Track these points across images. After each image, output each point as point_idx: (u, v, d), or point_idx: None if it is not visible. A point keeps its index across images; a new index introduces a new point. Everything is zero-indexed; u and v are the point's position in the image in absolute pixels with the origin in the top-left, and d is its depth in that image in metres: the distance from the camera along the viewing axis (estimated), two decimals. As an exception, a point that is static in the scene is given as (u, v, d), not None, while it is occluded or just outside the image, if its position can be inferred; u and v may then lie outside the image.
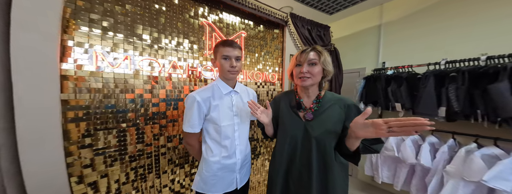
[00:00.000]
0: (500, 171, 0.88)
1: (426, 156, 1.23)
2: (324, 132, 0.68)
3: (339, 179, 0.69)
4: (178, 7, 1.03)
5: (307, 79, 0.68)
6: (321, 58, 0.68)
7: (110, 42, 0.82)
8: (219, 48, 0.73)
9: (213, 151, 0.74)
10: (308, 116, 0.71)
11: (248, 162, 0.88)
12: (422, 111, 1.25)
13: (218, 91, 0.77)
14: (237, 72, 0.75)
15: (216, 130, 0.74)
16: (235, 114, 0.78)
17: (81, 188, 0.78)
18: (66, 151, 0.72)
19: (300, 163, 0.71)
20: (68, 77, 0.71)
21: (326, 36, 1.93)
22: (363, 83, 1.77)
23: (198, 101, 0.70)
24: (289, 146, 0.73)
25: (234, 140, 0.77)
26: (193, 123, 0.71)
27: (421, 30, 1.58)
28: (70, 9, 0.70)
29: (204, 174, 0.74)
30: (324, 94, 0.75)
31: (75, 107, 0.73)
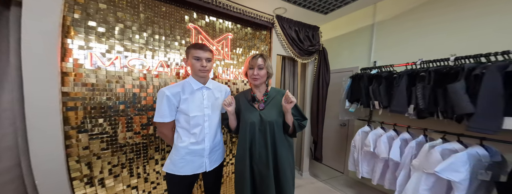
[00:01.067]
0: (452, 163, 0.98)
1: (395, 151, 1.33)
2: (273, 116, 0.94)
3: (285, 152, 0.95)
4: (166, 13, 1.18)
5: (257, 79, 0.95)
6: (266, 63, 0.94)
7: (104, 45, 0.98)
8: (191, 50, 0.87)
9: (182, 138, 0.88)
10: (261, 106, 0.97)
11: (219, 149, 1.01)
12: (394, 108, 1.35)
13: (189, 87, 0.90)
14: (208, 71, 0.90)
15: (186, 119, 0.88)
16: (206, 106, 0.92)
17: (78, 168, 0.95)
18: (66, 135, 0.89)
19: (259, 145, 0.93)
20: (68, 73, 0.87)
21: (314, 36, 2.03)
22: (350, 82, 1.87)
23: (167, 95, 0.83)
24: (250, 132, 0.94)
25: (204, 129, 0.91)
26: (163, 114, 0.84)
27: (412, 29, 1.63)
28: (70, 18, 0.87)
29: (174, 157, 0.88)
30: (269, 89, 1.03)
31: (74, 98, 0.90)
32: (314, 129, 2.08)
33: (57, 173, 0.86)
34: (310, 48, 1.94)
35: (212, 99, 0.96)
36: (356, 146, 1.73)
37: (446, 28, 1.43)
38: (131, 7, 1.05)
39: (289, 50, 1.84)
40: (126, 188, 1.12)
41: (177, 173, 0.88)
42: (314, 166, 2.63)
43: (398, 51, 1.75)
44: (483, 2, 1.25)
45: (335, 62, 2.44)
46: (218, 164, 1.01)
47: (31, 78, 0.76)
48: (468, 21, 1.31)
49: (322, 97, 2.01)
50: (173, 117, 0.88)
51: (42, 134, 0.81)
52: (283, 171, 0.93)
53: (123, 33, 1.04)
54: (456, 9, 1.37)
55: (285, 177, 0.93)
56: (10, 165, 0.80)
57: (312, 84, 2.12)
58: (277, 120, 0.94)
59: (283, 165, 0.92)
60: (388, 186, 1.44)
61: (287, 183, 0.93)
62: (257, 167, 0.94)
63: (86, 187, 0.98)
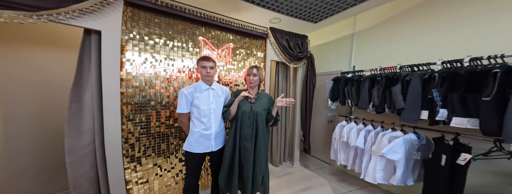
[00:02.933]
0: (393, 146, 1.45)
1: (360, 140, 1.81)
2: (259, 108, 1.41)
3: (263, 134, 1.41)
4: (182, 30, 1.63)
5: (252, 83, 1.43)
6: (258, 72, 1.43)
7: (142, 58, 1.42)
8: (199, 61, 1.30)
9: (196, 125, 1.32)
10: (252, 101, 1.45)
11: (222, 135, 1.46)
12: (360, 105, 1.83)
13: (199, 87, 1.32)
14: (211, 76, 1.33)
15: (197, 111, 1.29)
16: (211, 102, 1.36)
17: (126, 147, 1.40)
18: (121, 122, 1.34)
19: (247, 126, 1.39)
20: (123, 79, 1.32)
21: (303, 44, 2.49)
22: (332, 84, 2.34)
23: (185, 93, 1.25)
24: (241, 116, 1.39)
25: (210, 119, 1.35)
26: (182, 107, 1.26)
27: (383, 39, 2.10)
28: (124, 39, 1.31)
29: (190, 139, 1.33)
30: (260, 92, 1.52)
31: (126, 96, 1.35)
32: (303, 124, 2.55)
33: (117, 148, 1.31)
34: (299, 55, 2.40)
35: (216, 96, 1.40)
36: (336, 138, 2.21)
37: (404, 39, 1.91)
38: (158, 27, 1.49)
39: (281, 56, 2.29)
40: (153, 166, 1.57)
41: (192, 150, 1.32)
42: (305, 158, 3.11)
43: (371, 58, 2.23)
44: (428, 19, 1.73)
45: (323, 66, 2.91)
46: (221, 146, 1.46)
47: (107, 82, 1.21)
48: (413, 33, 1.79)
49: (309, 97, 2.48)
50: (189, 109, 1.30)
51: (111, 120, 1.26)
52: (259, 147, 1.40)
53: (154, 48, 1.48)
54: (414, 23, 1.84)
55: (260, 149, 1.40)
56: (89, 141, 1.24)
57: (301, 86, 2.59)
58: (262, 112, 1.41)
59: (260, 141, 1.40)
60: (358, 170, 1.92)
61: (261, 153, 1.40)
62: (243, 142, 1.39)
63: (129, 162, 1.43)
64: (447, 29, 1.59)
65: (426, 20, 1.73)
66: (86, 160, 1.23)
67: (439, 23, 1.64)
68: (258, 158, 1.39)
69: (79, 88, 1.18)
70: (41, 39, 1.54)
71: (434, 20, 1.67)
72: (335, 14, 2.44)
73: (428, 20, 1.71)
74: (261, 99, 1.47)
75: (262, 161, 1.41)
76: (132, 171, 1.44)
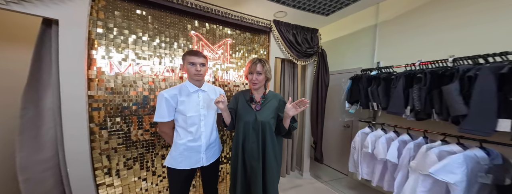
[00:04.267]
0: (446, 164, 0.97)
1: (393, 152, 1.32)
2: (267, 117, 1.04)
3: (273, 149, 1.05)
4: (171, 23, 1.34)
5: (256, 84, 1.06)
6: (264, 69, 1.04)
7: (121, 54, 1.15)
8: (186, 56, 0.97)
9: (181, 136, 0.99)
10: (257, 107, 1.07)
11: (215, 145, 1.12)
12: (392, 109, 1.35)
13: (185, 90, 1.00)
14: (202, 75, 1.00)
15: (183, 119, 0.98)
16: (201, 107, 1.03)
17: (99, 159, 1.12)
18: (91, 131, 1.07)
19: (252, 140, 1.04)
20: (93, 79, 1.06)
21: (313, 39, 2.07)
22: (350, 83, 1.88)
23: (165, 97, 0.94)
24: (244, 129, 1.06)
25: (200, 127, 1.02)
26: (162, 114, 0.94)
27: (415, 29, 1.60)
28: (94, 32, 1.05)
29: (173, 153, 1.00)
30: (267, 92, 1.13)
31: (97, 100, 1.08)
32: (314, 130, 2.11)
33: (84, 163, 1.04)
34: (308, 51, 1.99)
35: (207, 100, 1.07)
36: (356, 147, 1.73)
37: (447, 27, 1.39)
38: (141, 20, 1.21)
39: (287, 53, 1.90)
40: (137, 179, 1.29)
41: (176, 167, 1.00)
42: (316, 167, 2.63)
43: (400, 52, 1.72)
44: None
45: (337, 63, 2.44)
46: (214, 159, 1.12)
47: (66, 84, 0.94)
48: (470, 19, 1.27)
49: (321, 99, 2.03)
50: (172, 117, 0.98)
51: (73, 130, 0.99)
52: (269, 165, 1.03)
53: (136, 43, 1.20)
54: (459, 5, 1.33)
55: (270, 169, 1.03)
56: (51, 154, 0.99)
57: (311, 86, 2.16)
58: (270, 121, 1.04)
59: (270, 159, 1.03)
60: (387, 188, 1.43)
61: (271, 173, 1.04)
62: (249, 160, 1.04)
63: (105, 177, 1.15)
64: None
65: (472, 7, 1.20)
66: (47, 177, 0.97)
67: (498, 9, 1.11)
68: (268, 180, 1.03)
69: (36, 90, 0.93)
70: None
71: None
72: (352, 3, 1.97)
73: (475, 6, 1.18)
74: (269, 102, 1.10)
75: (273, 183, 1.04)
76: (109, 186, 1.16)
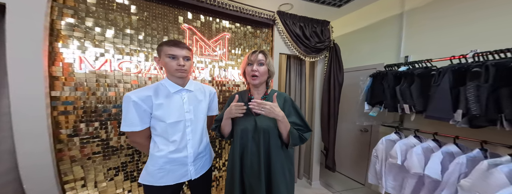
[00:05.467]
0: None
1: (434, 167, 0.96)
2: (269, 123, 0.78)
3: (280, 164, 0.78)
4: (159, 15, 1.11)
5: (257, 77, 0.79)
6: (267, 60, 0.79)
7: (95, 48, 0.94)
8: (164, 47, 0.72)
9: (159, 147, 0.75)
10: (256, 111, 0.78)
11: (205, 155, 0.88)
12: (433, 113, 0.98)
13: (164, 90, 0.76)
14: (186, 71, 0.75)
15: (163, 127, 0.74)
16: (187, 111, 0.79)
17: (70, 171, 0.91)
18: (58, 139, 0.86)
19: (251, 152, 0.79)
20: (58, 78, 0.85)
21: (324, 32, 1.75)
22: (370, 81, 1.52)
23: (134, 100, 0.69)
24: (241, 139, 0.80)
25: (186, 135, 0.78)
26: (131, 122, 0.70)
27: (455, 16, 1.23)
28: (59, 22, 0.84)
29: (150, 168, 0.76)
30: (270, 91, 0.87)
31: (64, 102, 0.87)
32: (325, 135, 1.77)
33: (46, 177, 0.83)
34: (318, 45, 1.67)
35: (194, 102, 0.82)
36: (379, 156, 1.38)
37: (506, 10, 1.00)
38: (122, 9, 1.00)
39: (294, 48, 1.60)
40: (121, 191, 1.07)
41: (155, 184, 0.75)
42: (327, 174, 2.26)
43: (437, 43, 1.34)
44: None
45: (352, 60, 2.07)
46: (205, 170, 0.88)
47: (17, 83, 0.73)
48: None
49: (334, 99, 1.70)
50: (146, 124, 0.74)
51: (29, 139, 0.78)
52: (276, 185, 0.76)
53: (115, 36, 0.99)
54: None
55: (277, 190, 0.76)
56: (9, 167, 0.79)
57: (322, 85, 1.83)
58: (274, 127, 0.78)
59: (276, 178, 0.76)
60: None
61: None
62: (248, 179, 0.78)
63: (79, 190, 0.94)
64: None
65: None
66: (6, 192, 0.78)
67: None
68: None
69: None
70: None
71: None
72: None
73: None
74: None
75: None
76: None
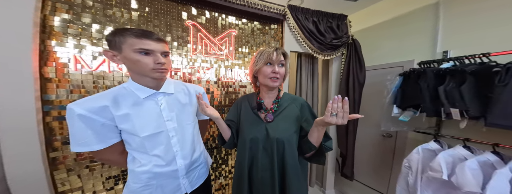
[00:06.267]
0: None
1: (501, 186, 0.69)
2: (284, 132, 0.65)
3: (297, 182, 0.65)
4: (161, 10, 1.00)
5: (277, 80, 0.66)
6: (286, 61, 0.68)
7: (93, 47, 0.85)
8: (128, 38, 0.51)
9: (141, 161, 0.59)
10: (269, 117, 0.68)
11: (201, 164, 0.72)
12: (500, 121, 0.72)
13: (129, 96, 0.57)
14: (166, 70, 0.57)
15: (138, 141, 0.57)
16: (168, 119, 0.62)
17: (66, 181, 0.81)
18: (52, 147, 0.77)
19: (262, 167, 0.66)
20: (51, 79, 0.76)
21: (341, 27, 1.53)
22: (399, 81, 1.27)
23: (79, 113, 0.50)
24: (250, 150, 0.67)
25: (171, 147, 0.62)
26: (84, 140, 0.52)
27: None
28: (52, 17, 0.75)
29: (132, 186, 0.60)
30: (282, 95, 0.74)
31: (59, 106, 0.78)
32: (342, 141, 1.53)
33: (39, 188, 0.73)
34: (334, 42, 1.45)
35: (176, 106, 0.65)
36: (412, 167, 1.12)
37: None
38: (122, 4, 0.90)
39: (306, 45, 1.41)
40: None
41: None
42: (342, 182, 1.96)
43: (492, 35, 1.05)
44: None
45: (372, 57, 1.80)
46: (202, 181, 0.73)
47: (1, 86, 0.64)
48: None
49: (353, 101, 1.46)
50: (109, 141, 0.56)
51: (17, 147, 0.68)
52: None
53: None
54: None
55: None
56: (1, 176, 0.70)
57: (338, 85, 1.60)
58: (290, 137, 0.65)
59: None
60: None
61: None
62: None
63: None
64: None
65: None
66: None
67: None
68: None
69: None
70: None
71: None
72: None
73: None
74: (287, 109, 0.70)
75: None
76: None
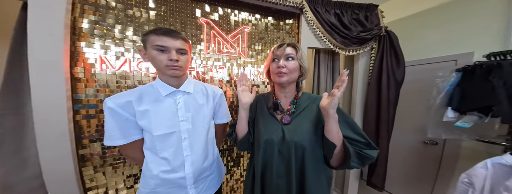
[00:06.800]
0: None
1: None
2: (303, 134, 0.58)
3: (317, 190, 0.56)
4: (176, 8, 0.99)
5: (284, 75, 0.60)
6: (297, 54, 0.61)
7: (117, 48, 0.88)
8: (150, 37, 0.54)
9: (149, 164, 0.58)
10: (285, 119, 0.62)
11: (211, 174, 0.67)
12: None
13: (152, 93, 0.60)
14: (181, 68, 0.57)
15: (150, 139, 0.58)
16: (183, 119, 0.60)
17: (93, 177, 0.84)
18: (81, 144, 0.80)
19: (277, 173, 0.58)
20: (80, 79, 0.79)
21: (370, 18, 1.30)
22: (456, 78, 0.99)
23: (109, 107, 0.55)
24: (264, 153, 0.60)
25: (181, 151, 0.58)
26: (110, 134, 0.56)
27: None
28: (81, 19, 0.79)
29: (141, 190, 0.59)
30: (301, 95, 0.67)
31: (87, 105, 0.81)
32: None
33: (69, 184, 0.77)
34: (362, 35, 1.23)
35: (193, 107, 0.63)
36: (476, 184, 0.85)
37: None
38: (140, 4, 0.91)
39: (327, 40, 1.23)
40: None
41: None
42: (368, 191, 1.67)
43: None
44: None
45: (410, 52, 1.48)
46: (212, 193, 0.67)
47: (38, 86, 0.69)
48: None
49: (388, 102, 1.22)
50: (133, 136, 0.59)
51: (51, 144, 0.72)
52: None
53: (135, 34, 0.91)
54: None
55: None
56: (38, 172, 0.74)
57: (366, 83, 1.36)
58: (310, 140, 0.57)
59: None
60: None
61: None
62: None
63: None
64: None
65: None
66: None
67: None
68: None
69: (16, 93, 0.70)
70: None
71: None
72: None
73: None
74: (306, 110, 0.63)
75: None
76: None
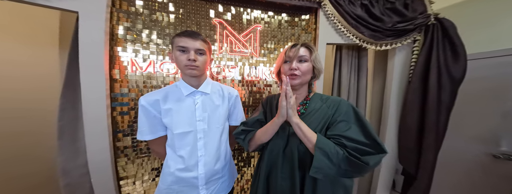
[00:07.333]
0: None
1: None
2: None
3: None
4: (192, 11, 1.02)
5: (296, 77, 0.58)
6: (312, 55, 0.59)
7: (144, 51, 0.97)
8: (175, 39, 0.60)
9: (169, 161, 0.64)
10: None
11: (223, 176, 0.69)
12: None
13: (176, 93, 0.64)
14: (198, 67, 0.60)
15: (171, 137, 0.64)
16: (199, 119, 0.63)
17: (125, 168, 0.97)
18: (117, 138, 0.93)
19: (282, 176, 0.58)
20: (116, 80, 0.92)
21: (411, 5, 1.06)
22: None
23: (142, 104, 0.62)
24: (270, 154, 0.61)
25: (196, 150, 0.62)
26: (141, 129, 0.64)
27: None
28: (117, 26, 0.91)
29: (160, 186, 0.65)
30: (312, 96, 0.64)
31: (121, 103, 0.94)
32: (411, 156, 1.10)
33: (107, 173, 0.88)
34: (400, 26, 1.02)
35: (209, 107, 0.65)
36: None
37: None
38: (162, 8, 0.97)
39: (351, 35, 1.07)
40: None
41: None
42: None
43: None
44: None
45: (479, 41, 1.15)
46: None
47: (86, 85, 0.83)
48: None
49: (438, 103, 0.99)
50: (156, 133, 0.66)
51: (95, 138, 0.84)
52: None
53: (158, 37, 0.99)
54: None
55: None
56: (86, 161, 0.83)
57: (404, 82, 1.14)
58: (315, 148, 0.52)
59: None
60: None
61: None
62: None
63: (130, 187, 0.98)
64: None
65: None
66: (84, 182, 0.87)
67: None
68: None
69: (74, 91, 0.84)
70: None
71: None
72: None
73: None
74: (316, 112, 0.59)
75: None
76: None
